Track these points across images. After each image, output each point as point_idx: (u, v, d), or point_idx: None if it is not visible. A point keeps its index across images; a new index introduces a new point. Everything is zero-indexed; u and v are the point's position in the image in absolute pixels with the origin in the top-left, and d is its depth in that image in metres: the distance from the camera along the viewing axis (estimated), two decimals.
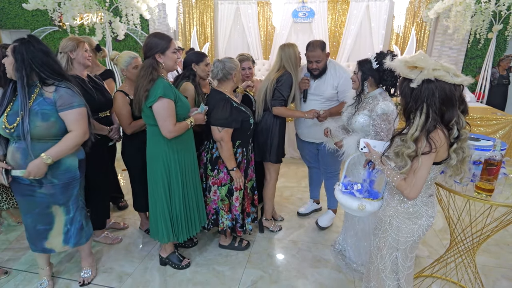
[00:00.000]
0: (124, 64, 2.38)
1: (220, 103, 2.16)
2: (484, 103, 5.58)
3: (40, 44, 1.77)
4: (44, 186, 1.84)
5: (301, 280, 2.27)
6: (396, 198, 1.52)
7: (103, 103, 2.39)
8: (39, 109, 1.74)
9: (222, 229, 2.43)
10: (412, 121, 1.37)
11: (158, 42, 1.94)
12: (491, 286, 2.24)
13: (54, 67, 1.79)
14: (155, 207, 2.15)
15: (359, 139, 1.75)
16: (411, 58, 1.35)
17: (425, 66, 1.29)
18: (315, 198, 3.14)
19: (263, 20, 6.78)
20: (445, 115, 1.33)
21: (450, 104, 1.31)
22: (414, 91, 1.33)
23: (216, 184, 2.32)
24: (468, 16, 5.00)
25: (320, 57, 2.45)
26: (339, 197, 1.65)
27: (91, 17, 5.58)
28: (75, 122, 1.79)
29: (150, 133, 2.09)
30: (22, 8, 6.92)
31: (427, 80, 1.30)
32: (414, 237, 1.49)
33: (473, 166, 1.77)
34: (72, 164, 1.90)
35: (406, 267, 1.56)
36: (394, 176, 1.42)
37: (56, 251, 2.04)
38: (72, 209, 1.97)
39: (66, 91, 1.77)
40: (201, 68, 2.48)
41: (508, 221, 1.82)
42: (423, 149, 1.31)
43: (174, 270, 2.34)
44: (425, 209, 1.49)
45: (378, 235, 1.59)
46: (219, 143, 2.18)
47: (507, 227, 1.97)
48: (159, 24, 6.64)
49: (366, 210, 1.57)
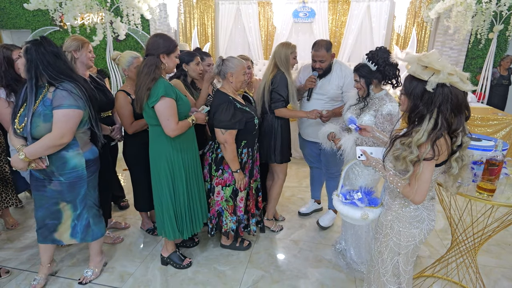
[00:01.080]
0: (126, 64, 2.38)
1: (223, 105, 2.13)
2: (485, 103, 5.58)
3: (51, 45, 1.79)
4: (52, 183, 1.90)
5: (302, 280, 2.27)
6: (397, 202, 1.50)
7: (105, 103, 2.39)
8: (42, 110, 1.76)
9: (226, 230, 2.43)
10: (416, 124, 1.32)
11: (165, 43, 1.97)
12: (492, 286, 2.24)
13: (63, 69, 1.81)
14: (160, 205, 2.17)
15: (354, 143, 1.74)
16: (426, 58, 1.25)
17: (441, 69, 1.21)
18: (316, 198, 3.14)
19: (263, 20, 6.78)
20: (453, 123, 1.27)
21: (459, 112, 1.26)
22: (426, 94, 1.25)
23: (220, 185, 2.32)
24: (469, 16, 5.00)
25: (324, 57, 2.44)
26: (340, 208, 1.60)
27: (92, 17, 5.59)
28: (56, 123, 1.76)
29: (152, 133, 2.10)
30: (23, 8, 6.93)
31: (441, 85, 1.23)
32: (416, 241, 1.47)
33: (475, 166, 1.77)
34: (78, 164, 1.91)
35: (407, 271, 1.54)
36: (397, 182, 1.39)
37: (65, 243, 2.10)
38: (79, 207, 1.99)
39: (62, 91, 1.76)
40: (192, 67, 2.47)
41: (510, 221, 1.82)
42: (426, 154, 1.26)
43: (176, 269, 2.34)
44: (427, 213, 1.46)
45: (379, 239, 1.57)
46: (223, 145, 2.16)
47: (508, 227, 1.97)
48: (160, 24, 6.65)
49: (369, 218, 1.54)
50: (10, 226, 2.84)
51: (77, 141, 1.90)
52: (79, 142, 1.91)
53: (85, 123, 1.92)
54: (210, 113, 2.25)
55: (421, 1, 5.91)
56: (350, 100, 2.24)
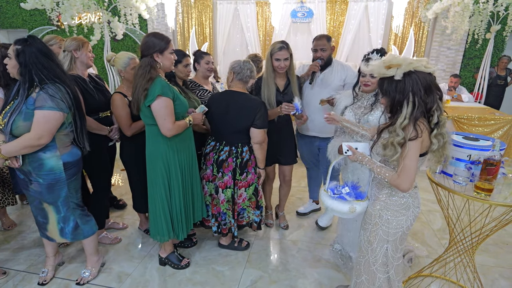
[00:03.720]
0: (122, 65, 2.36)
1: (262, 106, 2.22)
2: (482, 103, 5.60)
3: (41, 45, 1.78)
4: (33, 183, 1.89)
5: (301, 280, 2.27)
6: (384, 191, 1.57)
7: (103, 103, 2.38)
8: (24, 108, 1.75)
9: (248, 222, 2.48)
10: (398, 113, 1.43)
11: (157, 42, 1.94)
12: (490, 285, 2.25)
13: (55, 71, 1.79)
14: (154, 206, 2.15)
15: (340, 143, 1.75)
16: (386, 58, 1.45)
17: (401, 62, 1.39)
18: (315, 198, 3.14)
19: (262, 20, 6.78)
20: (428, 102, 1.40)
21: (430, 91, 1.40)
22: (398, 84, 1.41)
23: (244, 187, 2.33)
24: (466, 16, 5.01)
25: (326, 46, 2.51)
26: (328, 203, 1.63)
27: (90, 17, 5.58)
28: (35, 123, 1.74)
29: (149, 132, 2.08)
30: (20, 8, 6.90)
31: (407, 73, 1.39)
32: (403, 228, 1.55)
33: (473, 166, 1.78)
34: (55, 166, 1.87)
35: (396, 258, 1.61)
36: (385, 172, 1.47)
37: (56, 241, 2.12)
38: (62, 210, 1.98)
39: (45, 93, 1.73)
40: (180, 69, 2.46)
41: (507, 221, 1.83)
42: (410, 135, 1.38)
43: (174, 270, 2.34)
44: (411, 200, 1.55)
45: (368, 229, 1.62)
46: (260, 145, 2.25)
47: (506, 227, 1.97)
48: (157, 24, 6.63)
49: (356, 211, 1.59)
50: (7, 227, 2.82)
51: (55, 143, 1.86)
52: (58, 144, 1.87)
53: (68, 125, 1.88)
54: (209, 113, 2.24)
55: (419, 1, 5.93)
56: (342, 101, 2.23)
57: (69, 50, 2.22)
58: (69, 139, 1.95)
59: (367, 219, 1.63)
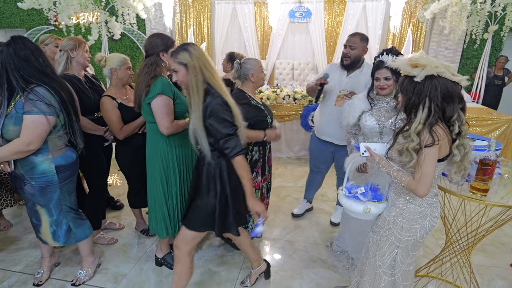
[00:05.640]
0: (117, 64, 2.26)
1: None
2: (480, 103, 5.61)
3: (23, 47, 1.71)
4: (26, 185, 1.87)
5: (297, 280, 2.26)
6: (402, 198, 1.53)
7: (98, 103, 2.36)
8: (14, 113, 1.71)
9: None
10: (413, 116, 1.39)
11: (162, 41, 2.00)
12: (486, 285, 2.25)
13: (31, 73, 1.72)
14: (154, 202, 2.17)
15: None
16: (413, 57, 1.38)
17: (427, 64, 1.33)
18: (309, 199, 3.13)
19: (260, 20, 6.77)
20: (447, 111, 1.35)
21: (451, 100, 1.35)
22: (417, 86, 1.36)
23: (253, 187, 2.30)
24: (464, 16, 5.02)
25: (356, 43, 2.38)
26: (344, 202, 1.63)
27: (87, 17, 5.55)
28: (24, 129, 1.71)
29: (149, 130, 2.11)
30: (17, 7, 6.87)
31: (429, 76, 1.34)
32: (416, 236, 1.51)
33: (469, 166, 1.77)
34: (47, 169, 1.85)
35: (406, 263, 1.57)
36: (402, 176, 1.43)
37: (49, 244, 2.09)
38: (54, 213, 1.96)
39: (34, 96, 1.69)
40: None
41: (503, 221, 1.83)
42: (426, 141, 1.34)
43: (170, 270, 2.33)
44: (430, 210, 1.50)
45: (379, 233, 1.59)
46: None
47: (502, 227, 1.97)
48: (155, 24, 6.62)
49: (372, 213, 1.57)
50: (3, 228, 2.81)
51: (47, 146, 1.83)
52: (50, 147, 1.84)
53: (60, 128, 1.85)
54: None
55: (417, 1, 5.93)
56: (357, 105, 2.08)
57: (65, 49, 2.22)
58: (63, 141, 1.91)
59: (380, 223, 1.60)
